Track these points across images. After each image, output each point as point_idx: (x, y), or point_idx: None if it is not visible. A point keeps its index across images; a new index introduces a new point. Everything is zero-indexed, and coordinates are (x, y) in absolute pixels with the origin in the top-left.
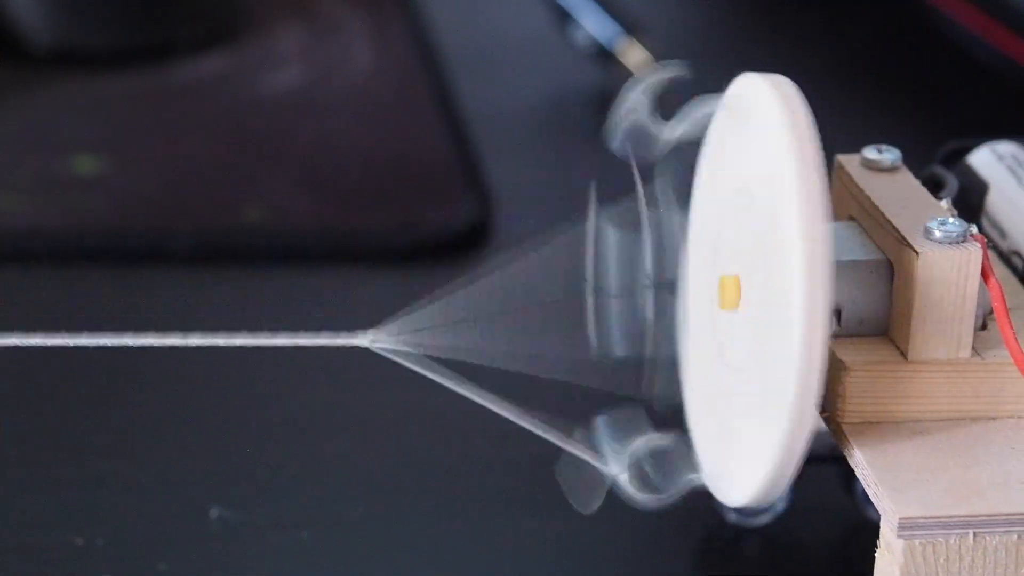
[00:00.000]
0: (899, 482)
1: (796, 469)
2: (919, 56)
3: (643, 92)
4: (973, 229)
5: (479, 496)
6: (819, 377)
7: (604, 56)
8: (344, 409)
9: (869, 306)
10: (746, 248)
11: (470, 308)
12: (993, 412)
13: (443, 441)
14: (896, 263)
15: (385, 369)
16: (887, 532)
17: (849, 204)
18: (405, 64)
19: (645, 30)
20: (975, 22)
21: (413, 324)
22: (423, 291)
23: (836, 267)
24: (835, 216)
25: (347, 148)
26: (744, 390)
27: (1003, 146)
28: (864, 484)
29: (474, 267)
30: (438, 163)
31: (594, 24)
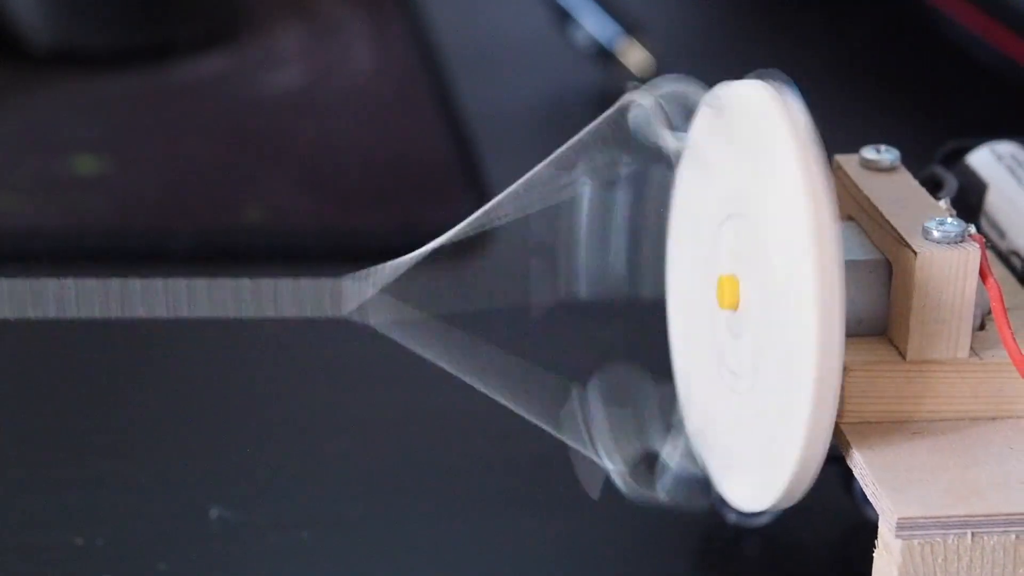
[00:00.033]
0: (897, 482)
1: (816, 473)
2: (919, 56)
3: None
4: (971, 229)
5: (479, 496)
6: (837, 379)
7: (604, 56)
8: (344, 409)
9: (868, 306)
10: (750, 252)
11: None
12: (991, 412)
13: (443, 441)
14: (894, 263)
15: (385, 369)
16: (885, 532)
17: (848, 204)
18: (405, 64)
19: (645, 30)
20: (975, 22)
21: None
22: (423, 291)
23: None
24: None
25: (347, 148)
26: (753, 394)
27: (1002, 146)
28: (862, 484)
29: (474, 267)
30: (438, 163)
31: (594, 24)
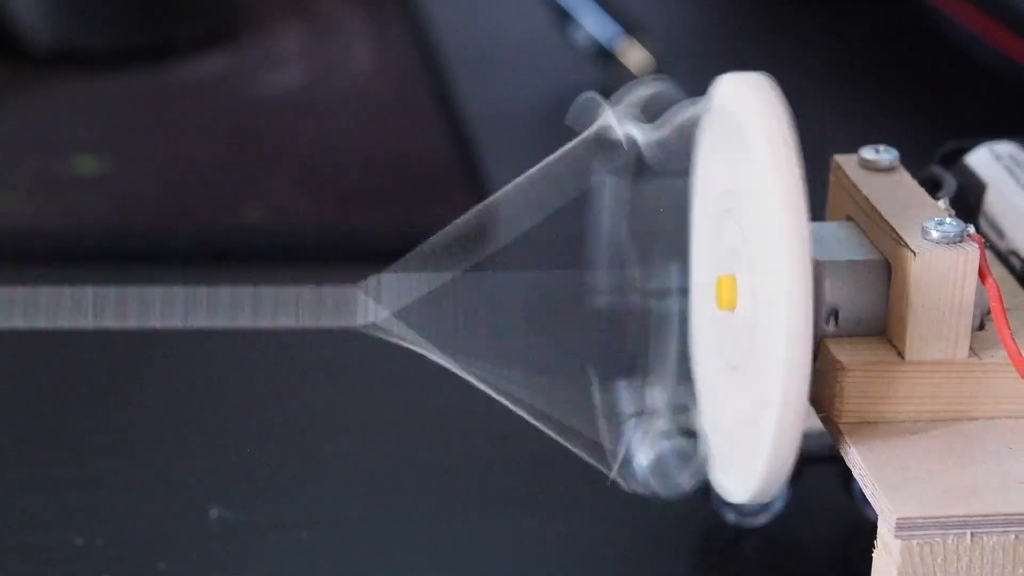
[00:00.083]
0: (896, 482)
1: (789, 468)
2: (919, 56)
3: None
4: (970, 229)
5: (479, 496)
6: (805, 374)
7: (604, 56)
8: (344, 409)
9: (866, 306)
10: (737, 249)
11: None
12: (991, 412)
13: (443, 441)
14: (893, 263)
15: (385, 369)
16: (884, 532)
17: (847, 204)
18: (405, 64)
19: (645, 30)
20: (975, 22)
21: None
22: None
23: (834, 267)
24: (833, 216)
25: (347, 148)
26: (742, 389)
27: (1001, 146)
28: (861, 484)
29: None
30: (438, 163)
31: (594, 24)
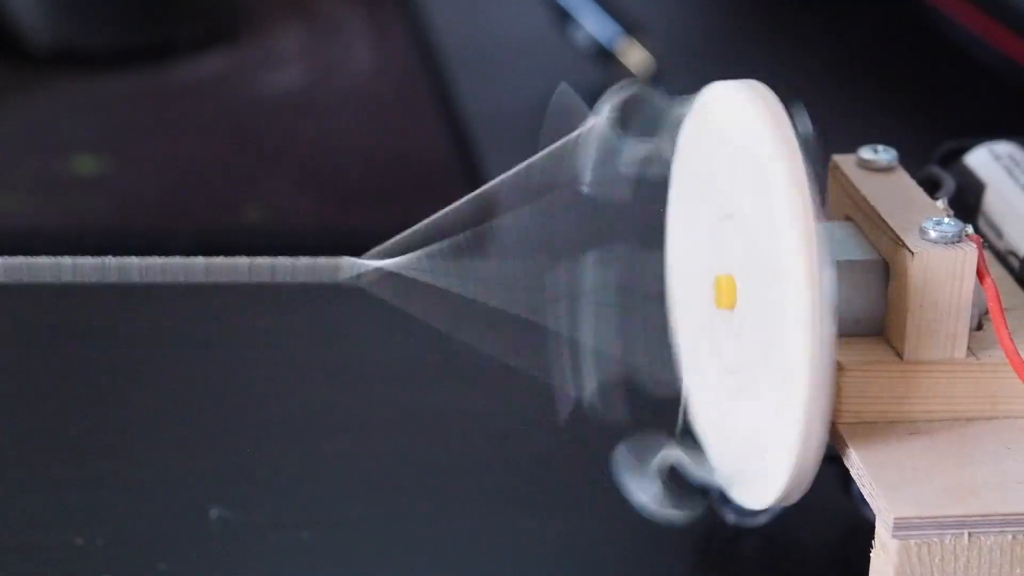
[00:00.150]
0: (894, 482)
1: (814, 473)
2: (919, 56)
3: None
4: (969, 229)
5: (479, 496)
6: (830, 380)
7: (604, 56)
8: (344, 409)
9: (865, 306)
10: (743, 252)
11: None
12: (989, 412)
13: (443, 441)
14: (892, 263)
15: (386, 368)
16: (882, 532)
17: (845, 204)
18: (405, 64)
19: (645, 30)
20: (975, 22)
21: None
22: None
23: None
24: (831, 216)
25: (347, 148)
26: (746, 392)
27: (1000, 146)
28: (859, 484)
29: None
30: (438, 163)
31: (594, 24)
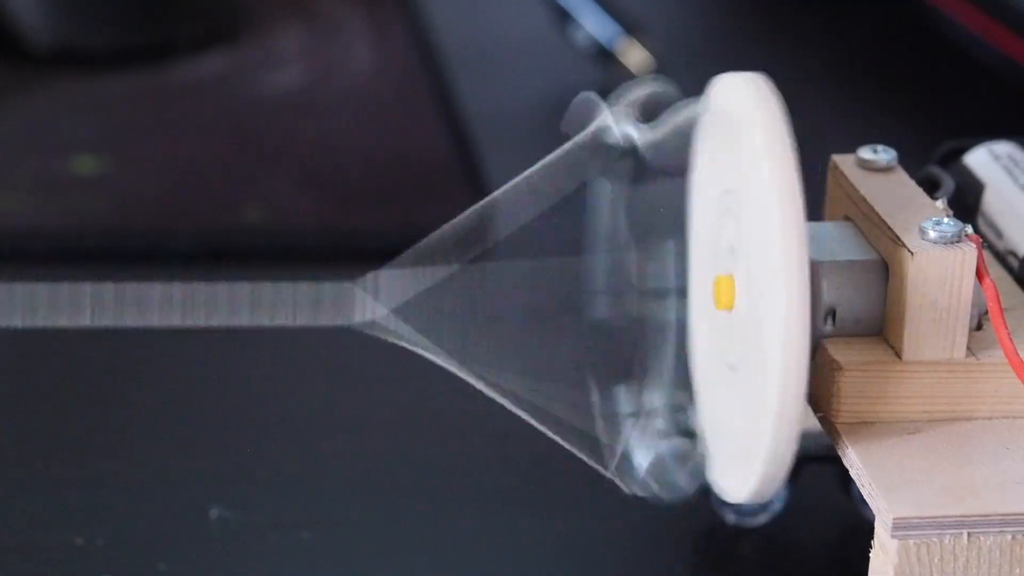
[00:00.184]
0: (893, 482)
1: (786, 468)
2: (919, 56)
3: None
4: (968, 229)
5: (479, 496)
6: (802, 375)
7: (604, 56)
8: (343, 409)
9: (864, 306)
10: (736, 249)
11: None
12: (988, 412)
13: (443, 441)
14: (891, 263)
15: (385, 368)
16: (881, 532)
17: (844, 204)
18: (405, 64)
19: (645, 30)
20: (975, 22)
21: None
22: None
23: (831, 267)
24: (830, 216)
25: (347, 148)
26: (740, 389)
27: (1000, 146)
28: (858, 484)
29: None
30: (438, 163)
31: (594, 24)
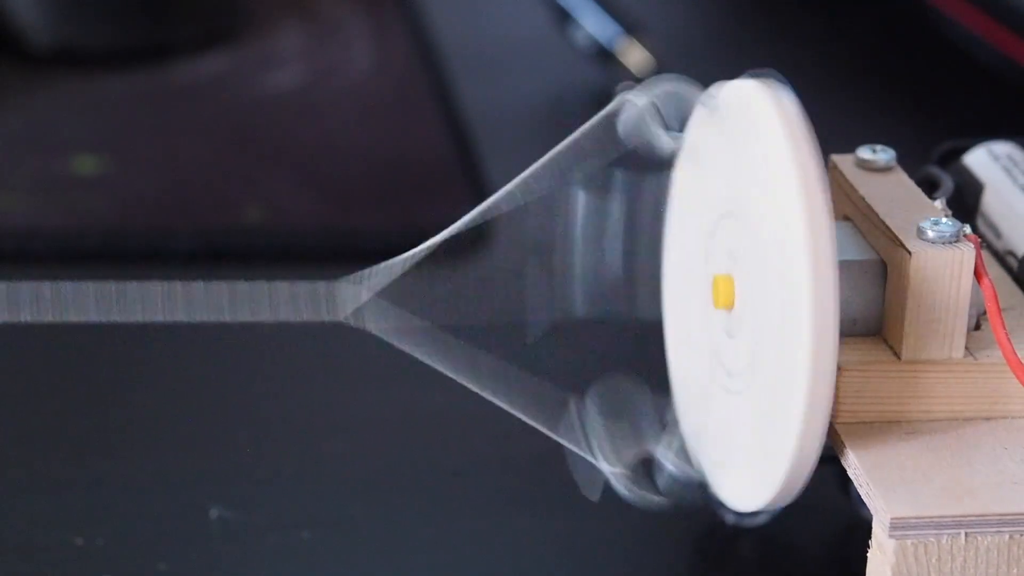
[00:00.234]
0: (891, 482)
1: (809, 474)
2: (919, 56)
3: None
4: (966, 229)
5: (479, 496)
6: (831, 382)
7: (604, 56)
8: (344, 409)
9: (862, 306)
10: (745, 251)
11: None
12: (986, 412)
13: (443, 441)
14: (889, 263)
15: (385, 368)
16: (879, 532)
17: (843, 204)
18: (405, 64)
19: (645, 30)
20: (975, 22)
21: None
22: (422, 291)
23: None
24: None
25: (347, 148)
26: (746, 392)
27: (999, 146)
28: (857, 484)
29: (474, 267)
30: (438, 163)
31: (594, 24)
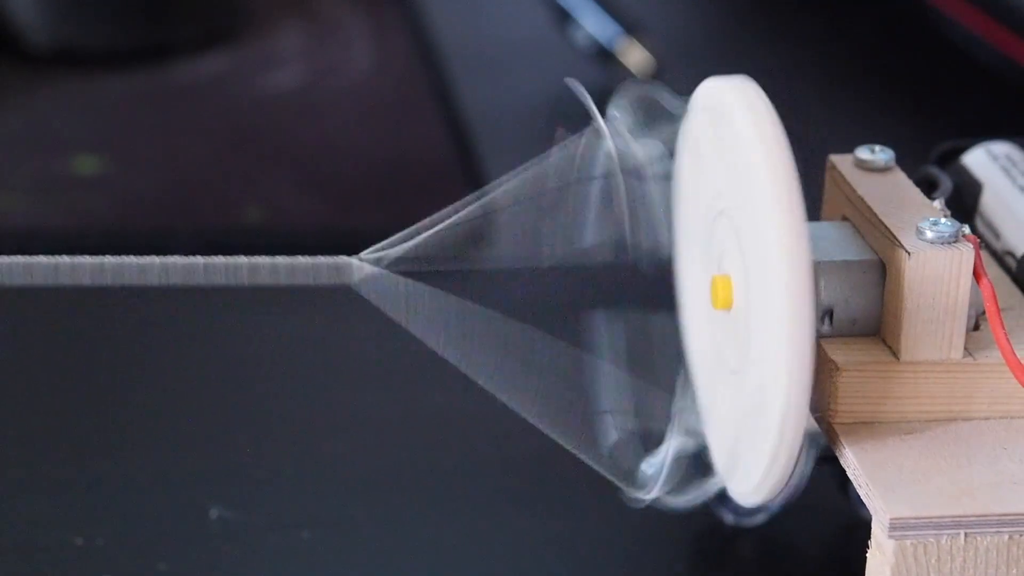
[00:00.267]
0: (890, 482)
1: (788, 470)
2: (918, 56)
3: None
4: (965, 229)
5: (479, 496)
6: (807, 376)
7: (604, 56)
8: (344, 409)
9: (861, 306)
10: (735, 250)
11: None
12: (985, 413)
13: (443, 441)
14: (888, 263)
15: (385, 368)
16: (878, 532)
17: (842, 204)
18: (405, 64)
19: (645, 30)
20: (975, 22)
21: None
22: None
23: (829, 267)
24: (828, 216)
25: (347, 148)
26: (741, 391)
27: (998, 146)
28: (856, 484)
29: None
30: (438, 163)
31: (594, 24)
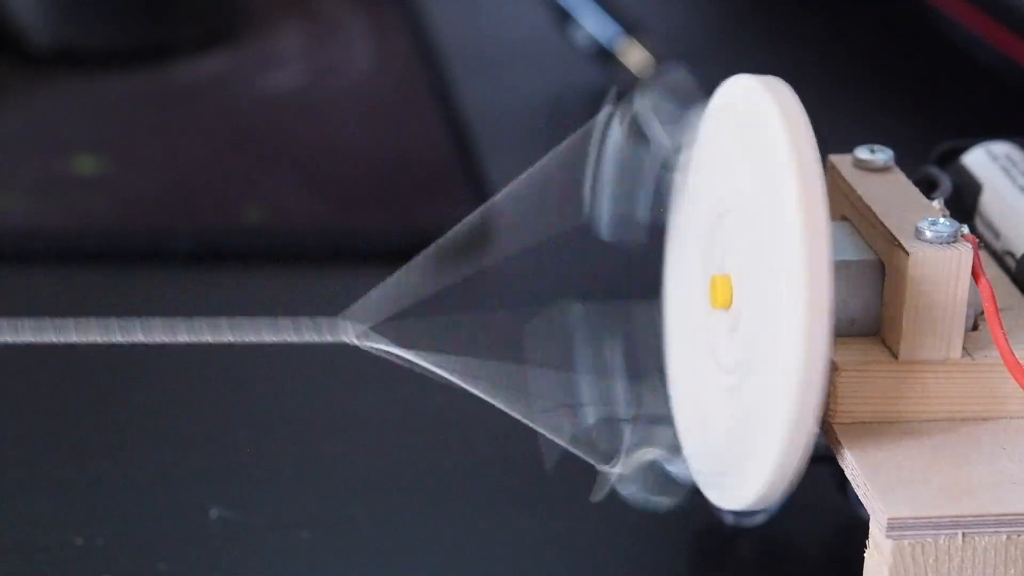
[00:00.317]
0: (888, 482)
1: (797, 473)
2: (918, 56)
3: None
4: (964, 229)
5: (479, 496)
6: (820, 381)
7: (604, 56)
8: (343, 409)
9: (860, 306)
10: (743, 250)
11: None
12: (984, 413)
13: (443, 441)
14: (887, 263)
15: (385, 369)
16: (876, 532)
17: (841, 204)
18: (405, 64)
19: (645, 30)
20: (975, 22)
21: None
22: (422, 291)
23: None
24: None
25: (347, 148)
26: (740, 390)
27: (997, 146)
28: (854, 484)
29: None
30: (438, 163)
31: (594, 24)
